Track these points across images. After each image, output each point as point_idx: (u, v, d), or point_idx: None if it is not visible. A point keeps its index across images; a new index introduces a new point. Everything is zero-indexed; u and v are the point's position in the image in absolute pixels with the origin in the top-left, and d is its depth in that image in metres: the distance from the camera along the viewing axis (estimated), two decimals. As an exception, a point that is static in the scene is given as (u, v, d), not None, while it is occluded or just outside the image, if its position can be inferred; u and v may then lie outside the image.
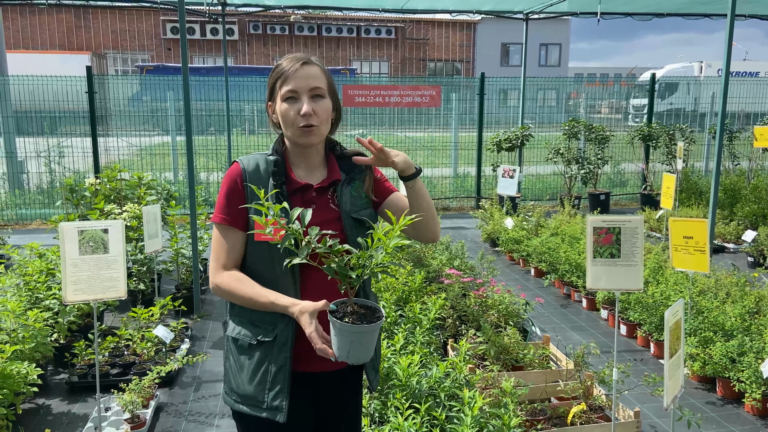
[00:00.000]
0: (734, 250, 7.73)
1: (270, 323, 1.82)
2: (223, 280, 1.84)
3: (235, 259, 1.86)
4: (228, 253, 1.85)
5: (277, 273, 1.81)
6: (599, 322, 5.45)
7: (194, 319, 5.34)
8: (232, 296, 1.85)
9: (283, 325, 1.80)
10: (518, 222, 7.67)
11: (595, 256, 3.19)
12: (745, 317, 4.25)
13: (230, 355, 1.90)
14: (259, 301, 1.79)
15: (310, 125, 1.83)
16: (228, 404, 1.91)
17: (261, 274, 1.84)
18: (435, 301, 4.35)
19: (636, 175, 12.26)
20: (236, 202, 1.85)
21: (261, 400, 1.81)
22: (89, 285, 2.89)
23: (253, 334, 1.83)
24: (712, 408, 3.89)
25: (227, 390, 1.91)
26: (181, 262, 5.89)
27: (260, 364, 1.81)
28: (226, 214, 1.85)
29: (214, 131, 12.18)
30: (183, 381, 4.23)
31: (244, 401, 1.84)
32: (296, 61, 1.86)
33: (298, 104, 1.83)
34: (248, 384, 1.83)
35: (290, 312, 1.74)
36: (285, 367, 1.80)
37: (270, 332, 1.81)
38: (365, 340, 1.65)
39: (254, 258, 1.86)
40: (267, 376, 1.80)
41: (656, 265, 5.30)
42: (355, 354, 1.65)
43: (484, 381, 3.62)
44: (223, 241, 1.86)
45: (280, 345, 1.80)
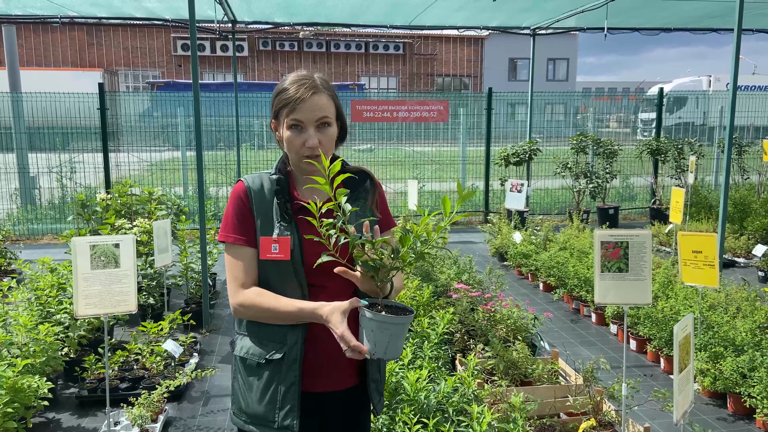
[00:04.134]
0: (745, 264, 7.67)
1: (278, 341, 1.82)
2: (246, 298, 1.82)
3: (253, 276, 1.86)
4: (245, 271, 1.84)
5: (285, 290, 1.82)
6: (609, 337, 5.42)
7: (203, 334, 5.36)
8: (256, 313, 1.82)
9: (292, 342, 1.81)
10: (526, 236, 7.66)
11: (603, 270, 3.19)
12: (756, 332, 4.22)
13: (238, 375, 1.90)
14: (285, 311, 1.77)
15: (315, 155, 1.82)
16: (237, 425, 1.89)
17: (269, 289, 1.85)
18: (443, 316, 4.35)
19: (645, 189, 12.23)
20: (246, 220, 1.85)
21: (271, 420, 1.80)
22: (100, 299, 2.92)
23: (261, 352, 1.83)
24: (723, 424, 3.85)
25: (236, 411, 1.90)
26: (191, 277, 5.93)
27: (269, 383, 1.81)
28: (238, 233, 1.85)
29: (223, 146, 12.28)
30: (191, 395, 4.24)
31: (254, 421, 1.84)
32: (303, 88, 1.81)
33: (303, 135, 1.81)
34: (258, 404, 1.82)
35: (320, 313, 1.71)
36: (295, 385, 1.80)
37: (279, 350, 1.81)
38: (402, 333, 1.66)
39: (266, 278, 1.86)
40: (277, 395, 1.80)
41: (666, 279, 5.27)
42: (393, 349, 1.64)
43: (493, 396, 3.60)
44: (238, 261, 1.85)
45: (290, 363, 1.80)
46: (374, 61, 32.82)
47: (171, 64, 30.62)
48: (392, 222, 2.04)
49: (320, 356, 1.85)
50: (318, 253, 1.77)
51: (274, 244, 1.81)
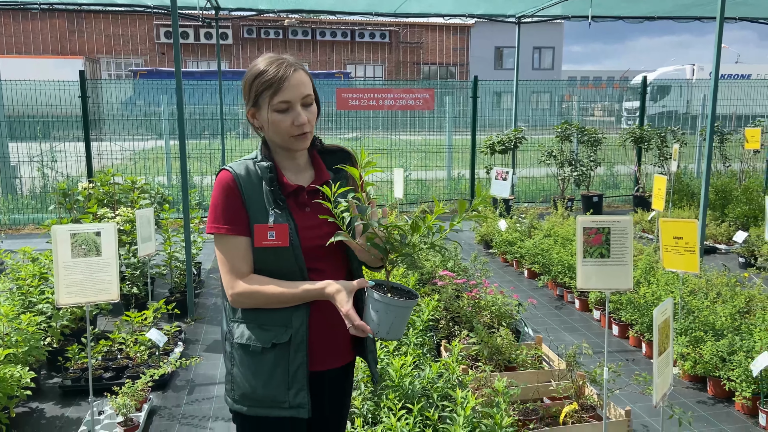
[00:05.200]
0: (726, 251, 7.78)
1: (282, 325, 1.81)
2: (245, 287, 1.81)
3: (250, 265, 1.84)
4: (242, 260, 1.83)
5: (284, 275, 1.82)
6: (591, 323, 5.48)
7: (188, 323, 5.34)
8: (258, 300, 1.81)
9: (298, 325, 1.81)
10: (512, 224, 7.71)
11: (585, 256, 3.22)
12: (736, 317, 4.29)
13: (237, 360, 1.87)
14: (290, 293, 1.78)
15: (304, 132, 1.84)
16: (240, 412, 1.87)
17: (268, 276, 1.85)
18: (428, 303, 4.37)
19: (628, 177, 12.33)
20: (237, 209, 1.83)
21: (282, 400, 1.81)
22: (82, 288, 2.90)
23: (265, 338, 1.82)
24: (702, 407, 3.92)
25: (238, 398, 1.87)
26: (175, 266, 5.89)
27: (276, 365, 1.81)
28: (230, 223, 1.82)
29: (207, 135, 12.19)
30: (176, 384, 4.23)
31: (262, 404, 1.83)
32: (283, 67, 1.80)
33: (292, 114, 1.81)
34: (266, 387, 1.82)
35: (327, 293, 1.75)
36: (303, 365, 1.82)
37: (283, 334, 1.81)
38: (406, 315, 1.71)
39: (260, 265, 1.85)
40: (286, 377, 1.81)
41: (648, 265, 5.33)
42: (395, 330, 1.69)
43: (477, 381, 3.64)
44: (232, 251, 1.83)
45: (297, 345, 1.81)
46: (360, 50, 32.65)
47: (154, 51, 30.23)
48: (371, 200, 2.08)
49: (323, 336, 1.88)
50: (314, 236, 1.83)
51: (270, 231, 1.80)
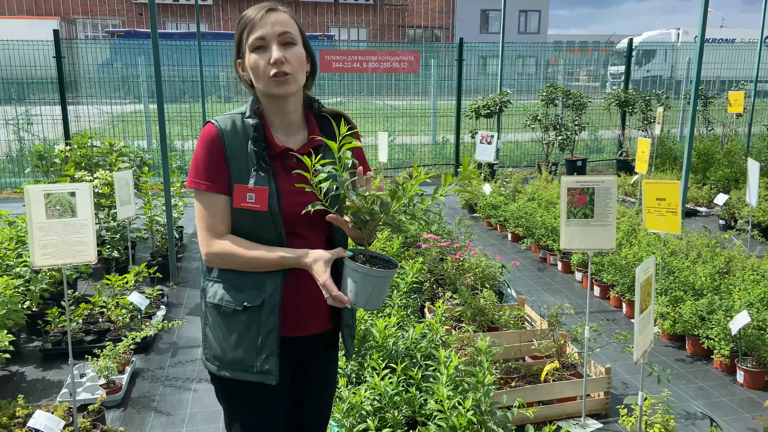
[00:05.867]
0: (706, 213, 7.87)
1: (256, 288, 1.76)
2: (221, 247, 1.75)
3: (227, 224, 1.78)
4: (219, 219, 1.76)
5: (261, 238, 1.76)
6: (574, 285, 5.53)
7: (170, 287, 5.30)
8: (233, 261, 1.76)
9: (271, 289, 1.76)
10: (496, 188, 7.70)
11: (569, 216, 3.21)
12: (715, 277, 4.34)
13: (211, 320, 1.84)
14: (266, 258, 1.73)
15: (283, 73, 1.72)
16: (210, 370, 1.86)
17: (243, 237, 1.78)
18: (412, 265, 4.36)
19: (612, 141, 12.35)
20: (218, 165, 1.75)
21: (251, 365, 1.77)
22: (58, 249, 2.83)
23: (237, 300, 1.77)
24: (681, 365, 3.99)
25: (209, 357, 1.85)
26: (156, 230, 5.82)
27: (247, 329, 1.77)
28: (210, 180, 1.75)
29: (189, 99, 11.94)
30: (159, 347, 4.21)
31: (231, 367, 1.80)
32: (262, 8, 1.75)
33: (267, 53, 1.72)
34: (235, 350, 1.78)
35: (304, 262, 1.69)
36: (274, 331, 1.76)
37: (256, 297, 1.76)
38: (385, 285, 1.66)
39: (236, 222, 1.79)
40: (256, 341, 1.76)
41: (630, 227, 5.36)
42: (374, 300, 1.65)
43: (460, 342, 3.66)
44: (210, 209, 1.76)
45: (269, 310, 1.76)
46: (344, 12, 32.02)
47: (131, 12, 29.39)
48: (368, 167, 1.98)
49: (298, 302, 1.82)
50: (296, 203, 1.74)
51: (249, 193, 1.73)
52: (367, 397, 2.89)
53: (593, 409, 3.42)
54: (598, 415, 3.40)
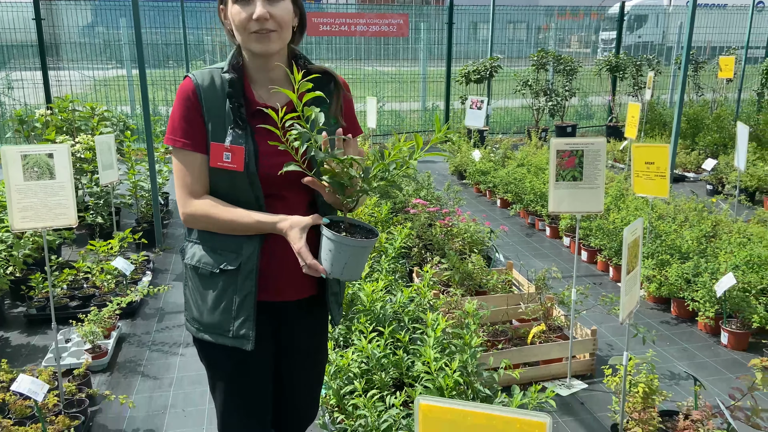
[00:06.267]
0: (694, 179, 7.88)
1: (233, 251, 1.72)
2: (197, 207, 1.70)
3: (204, 184, 1.72)
4: (196, 179, 1.70)
5: (239, 200, 1.71)
6: (562, 250, 5.55)
7: (156, 253, 5.25)
8: (209, 223, 1.71)
9: (248, 253, 1.71)
10: (485, 154, 7.65)
11: (558, 179, 3.18)
12: (702, 240, 4.35)
13: (190, 282, 1.81)
14: (241, 222, 1.67)
15: (266, 30, 1.63)
16: (190, 332, 1.84)
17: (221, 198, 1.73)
18: (401, 231, 4.34)
19: (603, 108, 12.29)
20: (195, 122, 1.68)
21: (226, 329, 1.74)
22: (37, 212, 2.77)
23: (215, 262, 1.73)
24: (666, 327, 4.03)
25: (189, 318, 1.83)
26: (140, 195, 5.74)
27: (224, 292, 1.73)
28: (186, 137, 1.68)
29: (172, 64, 11.69)
30: (146, 312, 4.19)
31: (208, 330, 1.77)
32: None
33: (251, 6, 1.63)
34: (211, 313, 1.75)
35: (279, 228, 1.64)
36: (250, 295, 1.72)
37: (233, 260, 1.71)
38: (362, 256, 1.59)
39: (213, 182, 1.73)
40: (232, 305, 1.73)
41: (618, 192, 5.36)
42: (350, 271, 1.58)
43: (448, 305, 3.66)
44: (187, 168, 1.70)
45: (246, 274, 1.72)
46: (332, -25, 31.29)
47: (113, -25, 28.55)
48: (358, 129, 1.89)
49: (277, 267, 1.77)
50: (275, 164, 1.65)
51: (226, 152, 1.66)
52: (355, 359, 2.89)
53: (579, 370, 3.45)
54: (583, 376, 3.43)
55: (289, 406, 2.07)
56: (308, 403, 2.10)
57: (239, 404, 1.86)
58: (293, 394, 2.04)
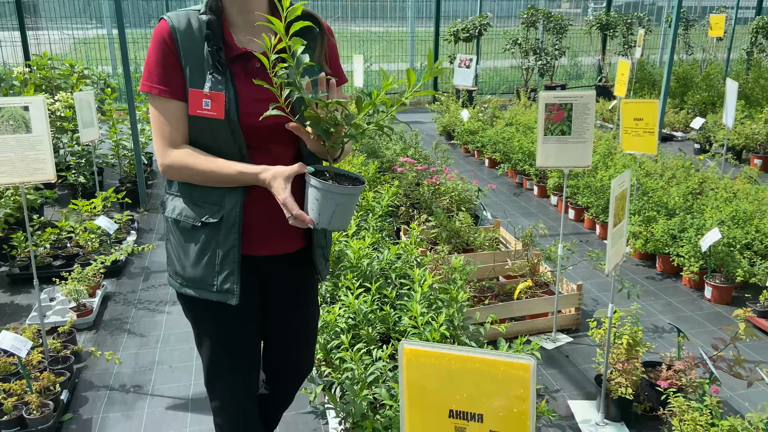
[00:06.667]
0: (682, 138, 7.88)
1: (215, 203, 1.66)
2: (176, 158, 1.63)
3: (183, 133, 1.65)
4: (174, 128, 1.63)
5: (221, 150, 1.64)
6: (549, 208, 5.55)
7: (141, 213, 5.19)
8: (189, 174, 1.64)
9: (230, 205, 1.66)
10: (474, 114, 7.58)
11: (546, 133, 3.14)
12: (688, 197, 4.36)
13: (171, 236, 1.76)
14: (222, 173, 1.61)
15: None
16: (173, 287, 1.79)
17: (202, 149, 1.66)
18: (388, 189, 4.31)
19: (592, 68, 12.19)
20: (171, 68, 1.60)
21: (210, 283, 1.70)
22: (14, 167, 2.70)
23: (196, 215, 1.68)
24: (651, 282, 4.06)
25: (171, 273, 1.79)
26: (123, 155, 5.64)
27: (206, 246, 1.68)
28: (162, 83, 1.60)
29: (154, 23, 11.36)
30: (131, 272, 4.15)
31: (191, 284, 1.73)
32: None
33: None
34: (194, 267, 1.70)
35: (261, 178, 1.58)
36: (234, 249, 1.67)
37: (216, 213, 1.66)
38: (350, 204, 1.56)
39: (194, 133, 1.65)
40: (215, 259, 1.68)
41: (606, 150, 5.34)
42: (338, 220, 1.54)
43: (435, 262, 3.66)
44: (164, 116, 1.63)
45: (228, 227, 1.66)
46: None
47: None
48: (343, 77, 1.82)
49: (261, 220, 1.72)
50: (257, 112, 1.59)
51: (205, 99, 1.59)
52: (341, 315, 2.88)
53: (564, 324, 3.48)
54: (568, 330, 3.47)
55: (284, 360, 2.06)
56: (302, 357, 2.08)
57: (225, 359, 1.84)
58: (287, 348, 2.02)
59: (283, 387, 2.14)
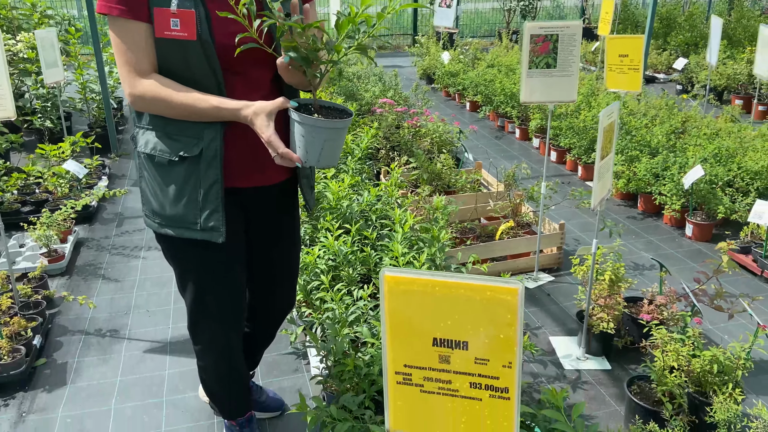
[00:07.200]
0: (664, 80, 7.81)
1: (192, 136, 1.54)
2: (147, 88, 1.49)
3: (152, 60, 1.51)
4: (141, 53, 1.49)
5: (194, 77, 1.51)
6: (531, 151, 5.49)
7: (112, 159, 5.02)
8: (160, 107, 1.51)
9: (209, 138, 1.54)
10: (455, 56, 7.40)
11: (531, 66, 3.04)
12: (671, 137, 4.32)
13: (146, 173, 1.63)
14: (198, 107, 1.49)
15: None
16: (151, 227, 1.69)
17: (174, 78, 1.52)
18: (367, 131, 4.19)
19: (575, 9, 11.96)
20: None
21: (193, 221, 1.60)
22: (-31, 104, 2.54)
23: (172, 149, 1.55)
24: (632, 222, 4.06)
25: (148, 212, 1.67)
26: (91, 98, 5.41)
27: (186, 182, 1.57)
28: (122, 2, 1.45)
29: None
30: (104, 217, 4.03)
31: (172, 223, 1.62)
32: None
33: None
34: (174, 205, 1.59)
35: (242, 115, 1.48)
36: (217, 184, 1.57)
37: (194, 146, 1.54)
38: (338, 138, 1.47)
39: (162, 59, 1.52)
40: (197, 196, 1.57)
41: (589, 91, 5.25)
42: (327, 156, 1.46)
43: (416, 204, 3.59)
44: (128, 40, 1.48)
45: (208, 160, 1.55)
46: None
47: None
48: None
49: (243, 151, 1.62)
50: (232, 31, 1.46)
51: (173, 18, 1.45)
52: (321, 256, 2.82)
53: (546, 264, 3.46)
54: (550, 269, 3.46)
55: (270, 298, 2.00)
56: (286, 293, 2.03)
57: (212, 299, 1.76)
58: (272, 285, 1.96)
59: (265, 325, 2.10)
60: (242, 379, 2.00)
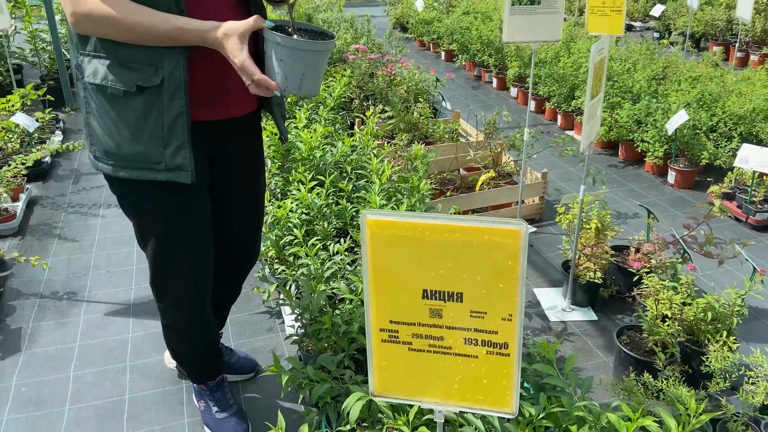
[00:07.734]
0: (641, 28, 7.67)
1: (149, 63, 1.33)
2: (94, 6, 1.26)
3: None
4: None
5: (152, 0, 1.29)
6: (509, 101, 5.33)
7: (67, 112, 4.71)
8: (110, 28, 1.29)
9: (171, 65, 1.33)
10: (429, 3, 7.13)
11: (514, 3, 2.85)
12: (653, 83, 4.20)
13: (94, 105, 1.40)
14: (157, 29, 1.28)
15: None
16: (103, 170, 1.46)
17: None
18: (340, 80, 3.97)
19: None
20: None
21: (156, 161, 1.40)
22: None
23: (127, 79, 1.34)
24: (614, 170, 3.96)
25: (99, 153, 1.45)
26: (42, 48, 5.04)
27: (146, 115, 1.36)
28: None
29: None
30: (59, 174, 3.77)
31: (130, 164, 1.42)
32: None
33: None
34: (133, 142, 1.39)
35: (211, 37, 1.29)
36: (182, 116, 1.37)
37: (152, 75, 1.34)
38: (321, 63, 1.32)
39: None
40: (160, 130, 1.37)
41: (568, 36, 5.07)
42: (308, 83, 1.32)
43: (393, 154, 3.42)
44: None
45: (172, 90, 1.35)
46: None
47: None
48: None
49: (209, 78, 1.44)
50: None
51: None
52: (294, 210, 2.65)
53: (528, 214, 3.35)
54: (532, 220, 3.35)
55: (236, 247, 1.83)
56: (252, 238, 1.87)
57: (178, 249, 1.58)
58: (237, 227, 1.79)
59: (233, 277, 1.93)
60: (212, 336, 1.85)
